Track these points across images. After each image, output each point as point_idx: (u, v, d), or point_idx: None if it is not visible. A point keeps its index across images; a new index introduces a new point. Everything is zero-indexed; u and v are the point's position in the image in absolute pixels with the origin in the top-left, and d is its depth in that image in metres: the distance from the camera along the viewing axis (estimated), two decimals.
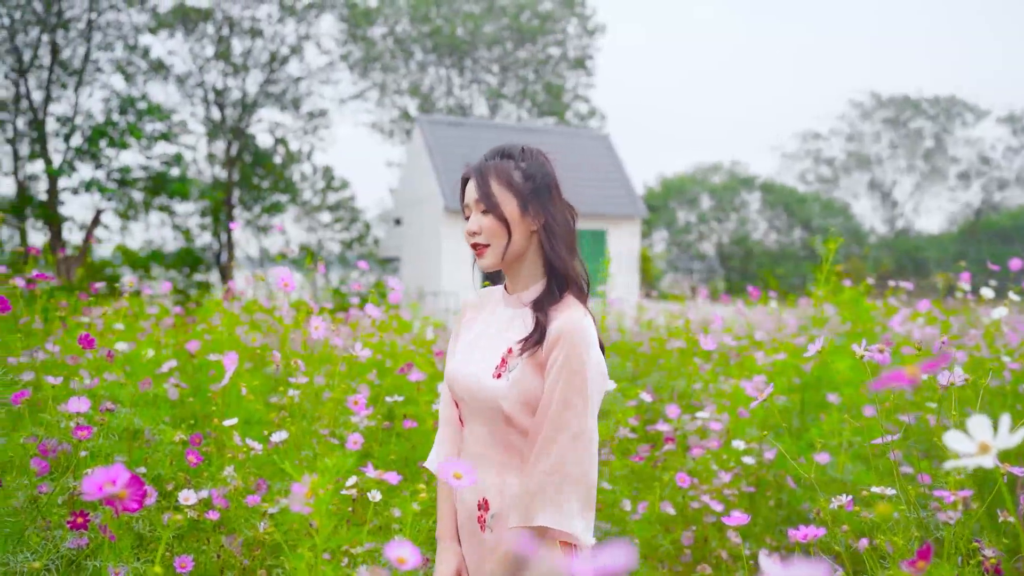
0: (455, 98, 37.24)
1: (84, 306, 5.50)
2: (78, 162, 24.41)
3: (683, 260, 46.91)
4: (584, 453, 1.86)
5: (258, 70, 29.71)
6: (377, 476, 1.79)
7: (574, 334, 1.89)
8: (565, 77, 37.34)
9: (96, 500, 2.61)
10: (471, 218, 2.03)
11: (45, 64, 24.76)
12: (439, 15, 35.53)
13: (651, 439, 3.88)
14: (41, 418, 3.07)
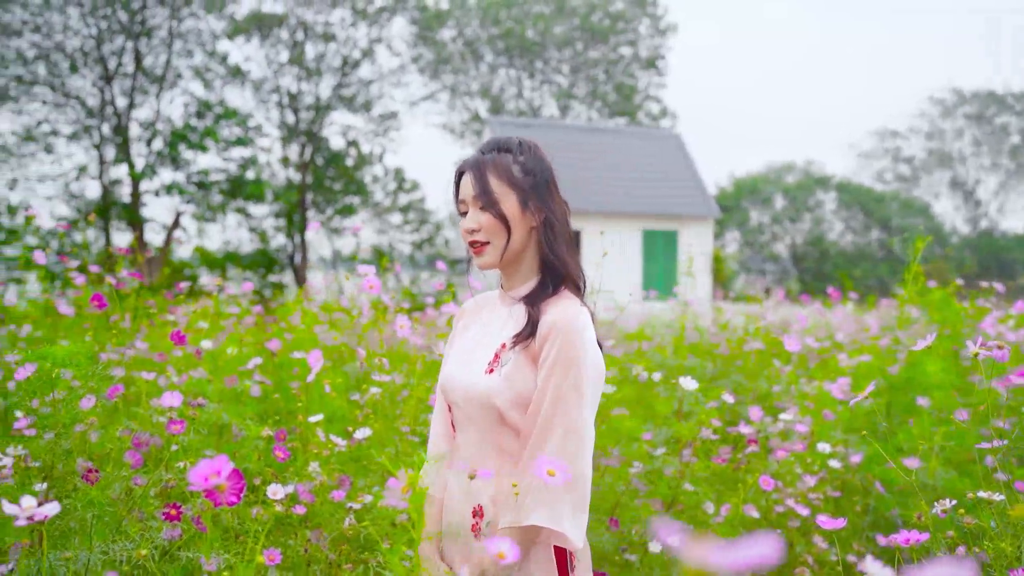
0: (525, 99, 37.30)
1: (169, 305, 5.65)
2: (159, 165, 25.13)
3: (756, 261, 46.19)
4: (577, 450, 1.78)
5: (331, 74, 30.17)
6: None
7: (568, 326, 1.83)
8: (636, 77, 37.11)
9: (198, 492, 2.67)
10: (468, 215, 1.97)
11: (129, 71, 25.54)
12: (509, 17, 35.62)
13: (732, 441, 3.82)
14: (134, 412, 3.16)
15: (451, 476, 2.00)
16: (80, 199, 26.00)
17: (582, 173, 24.37)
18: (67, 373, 2.58)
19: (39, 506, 1.44)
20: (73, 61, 24.83)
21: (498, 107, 36.33)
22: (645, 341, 5.89)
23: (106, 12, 24.63)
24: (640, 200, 24.15)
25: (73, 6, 24.49)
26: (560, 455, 1.76)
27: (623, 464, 3.39)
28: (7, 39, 24.17)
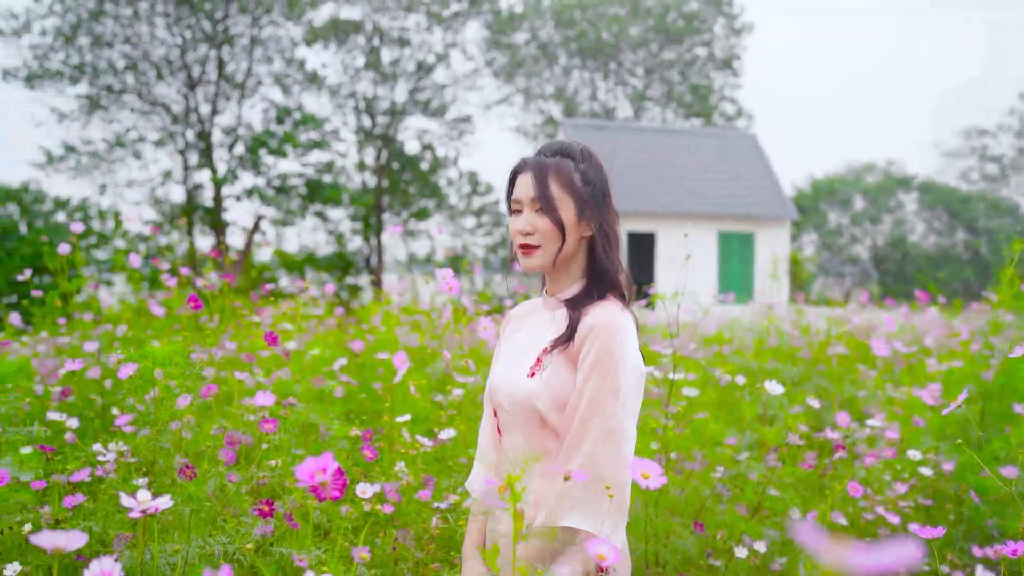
0: (599, 101, 37.18)
1: (255, 307, 5.78)
2: (240, 170, 25.78)
3: (834, 264, 45.20)
4: (615, 453, 1.76)
5: (406, 78, 30.52)
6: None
7: (606, 328, 1.82)
8: (712, 78, 36.69)
9: (290, 489, 2.74)
10: (523, 216, 1.94)
11: (212, 79, 26.26)
12: (583, 18, 35.56)
13: (818, 446, 3.75)
14: (227, 411, 3.26)
15: (496, 475, 2.03)
16: (165, 203, 26.82)
17: (657, 175, 24.19)
18: (160, 372, 2.66)
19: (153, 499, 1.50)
20: (159, 70, 25.64)
21: (572, 109, 36.29)
22: (725, 344, 5.83)
23: (190, 22, 25.39)
24: (715, 202, 23.87)
25: (160, 16, 25.29)
26: (596, 457, 1.76)
27: (706, 468, 3.37)
28: (99, 50, 25.08)
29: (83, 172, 26.20)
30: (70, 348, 5.12)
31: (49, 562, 2.56)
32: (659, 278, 22.59)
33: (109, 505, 2.69)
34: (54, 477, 2.77)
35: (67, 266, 5.07)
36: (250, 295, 6.31)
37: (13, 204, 20.40)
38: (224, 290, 4.87)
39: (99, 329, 5.11)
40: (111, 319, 5.40)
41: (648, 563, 2.88)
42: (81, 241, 22.07)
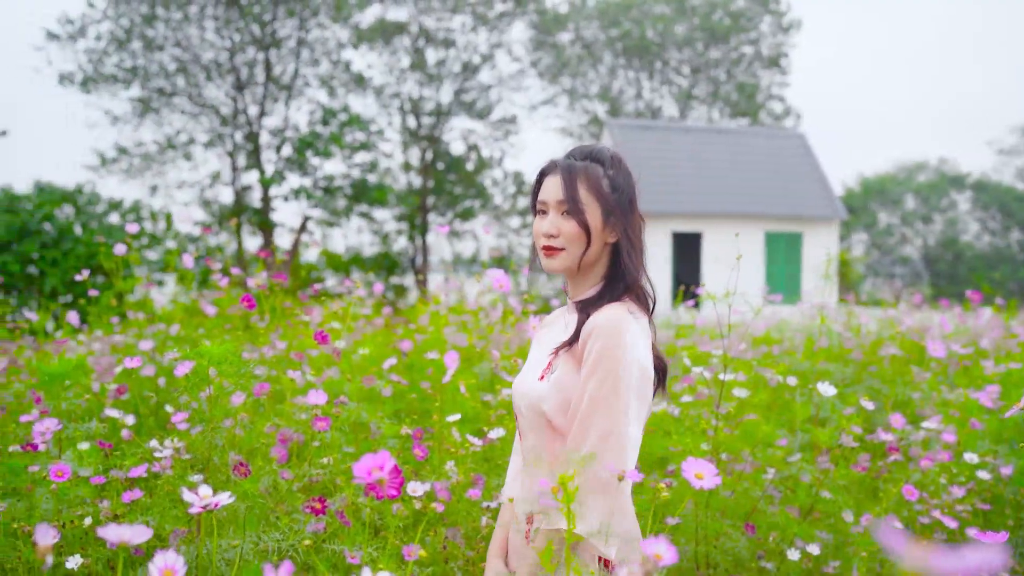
0: (644, 101, 36.99)
1: (304, 306, 5.85)
2: (287, 171, 26.09)
3: (884, 264, 44.48)
4: (613, 454, 1.74)
5: (451, 79, 30.64)
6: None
7: (609, 327, 1.81)
8: (758, 76, 36.31)
9: (342, 487, 2.76)
10: (548, 217, 1.95)
11: (260, 81, 26.62)
12: (628, 18, 35.41)
13: (871, 449, 3.70)
14: (279, 409, 3.30)
15: (519, 477, 2.06)
16: (214, 204, 27.24)
17: (703, 175, 24.01)
18: (214, 371, 2.69)
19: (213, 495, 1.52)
20: (209, 72, 26.06)
21: (617, 109, 36.16)
22: (774, 345, 5.77)
23: (239, 25, 25.77)
24: (762, 202, 23.63)
25: (209, 20, 25.70)
26: (597, 462, 1.73)
27: (756, 470, 3.33)
28: (151, 53, 25.56)
29: (135, 174, 26.72)
30: (124, 346, 5.23)
31: (108, 555, 2.61)
32: (705, 278, 22.42)
33: (165, 501, 2.74)
34: (112, 473, 2.83)
35: (122, 266, 5.17)
36: (298, 295, 6.38)
37: (68, 206, 20.82)
38: (274, 290, 4.93)
39: (152, 328, 5.20)
40: (164, 318, 5.50)
41: (698, 565, 2.86)
42: (134, 241, 22.49)
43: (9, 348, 5.67)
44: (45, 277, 18.20)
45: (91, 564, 2.48)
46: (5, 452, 2.83)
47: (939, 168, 45.75)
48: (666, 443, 3.21)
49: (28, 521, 2.53)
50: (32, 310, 15.64)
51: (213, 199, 27.40)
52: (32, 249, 18.27)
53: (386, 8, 29.26)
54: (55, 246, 18.68)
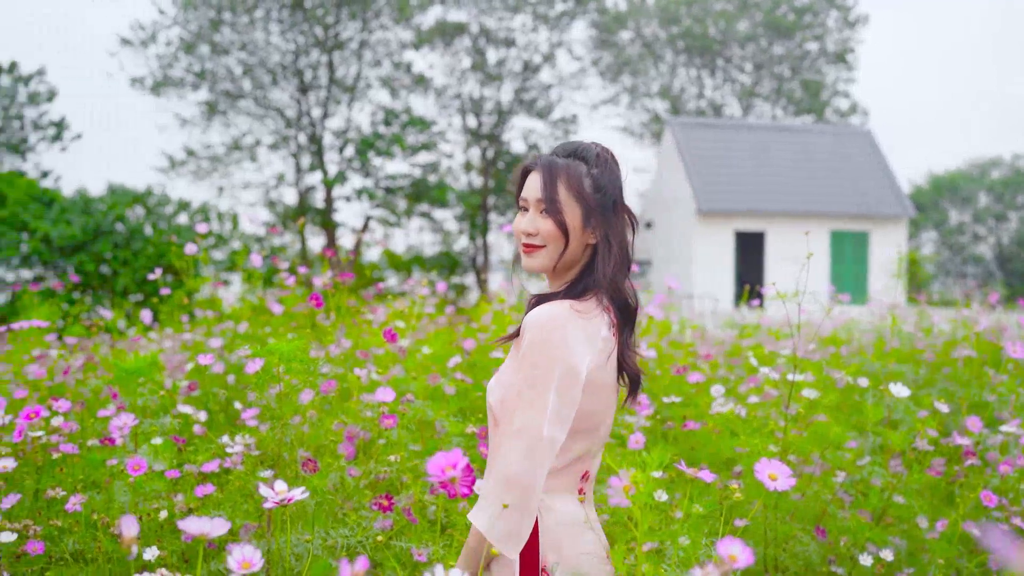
0: (706, 99, 36.62)
1: (368, 305, 5.91)
2: (350, 172, 26.43)
3: (955, 263, 43.36)
4: (523, 451, 1.70)
5: (511, 79, 30.70)
6: (693, 473, 1.77)
7: (537, 324, 1.78)
8: (824, 72, 35.68)
9: (408, 484, 2.79)
10: (528, 216, 1.90)
11: (323, 83, 27.01)
12: (689, 15, 35.09)
13: (946, 452, 3.61)
14: (346, 407, 3.33)
15: None
16: (278, 205, 27.72)
17: (766, 173, 23.69)
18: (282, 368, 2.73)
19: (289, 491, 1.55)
20: (274, 75, 26.54)
21: (678, 107, 35.86)
22: (843, 346, 5.66)
23: (303, 28, 26.19)
24: (828, 200, 23.22)
25: (274, 23, 26.17)
26: (506, 455, 1.71)
27: (825, 472, 3.27)
28: (218, 57, 26.13)
29: (202, 175, 27.35)
30: (194, 344, 5.33)
31: (182, 548, 2.67)
32: (768, 278, 22.12)
33: (237, 496, 2.79)
34: (186, 467, 2.90)
35: (192, 265, 5.29)
36: (360, 294, 6.46)
37: (139, 207, 21.38)
38: (339, 288, 4.99)
39: (220, 326, 5.30)
40: (232, 316, 5.59)
41: (767, 568, 2.82)
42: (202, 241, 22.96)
43: (86, 345, 5.83)
44: (117, 276, 18.70)
45: (167, 556, 2.53)
46: (84, 446, 2.91)
47: (1014, 164, 44.41)
48: (733, 444, 3.17)
49: (107, 513, 2.59)
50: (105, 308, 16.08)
51: (277, 200, 27.88)
52: (105, 249, 18.78)
53: (447, 9, 29.43)
54: (126, 246, 19.18)
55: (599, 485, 2.93)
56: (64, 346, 5.03)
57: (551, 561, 1.78)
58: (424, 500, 2.84)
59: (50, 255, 18.79)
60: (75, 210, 19.55)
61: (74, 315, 6.89)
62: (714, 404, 3.33)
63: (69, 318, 6.77)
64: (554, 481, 1.82)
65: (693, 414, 3.47)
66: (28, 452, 2.70)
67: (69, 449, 2.75)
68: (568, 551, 1.79)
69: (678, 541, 2.02)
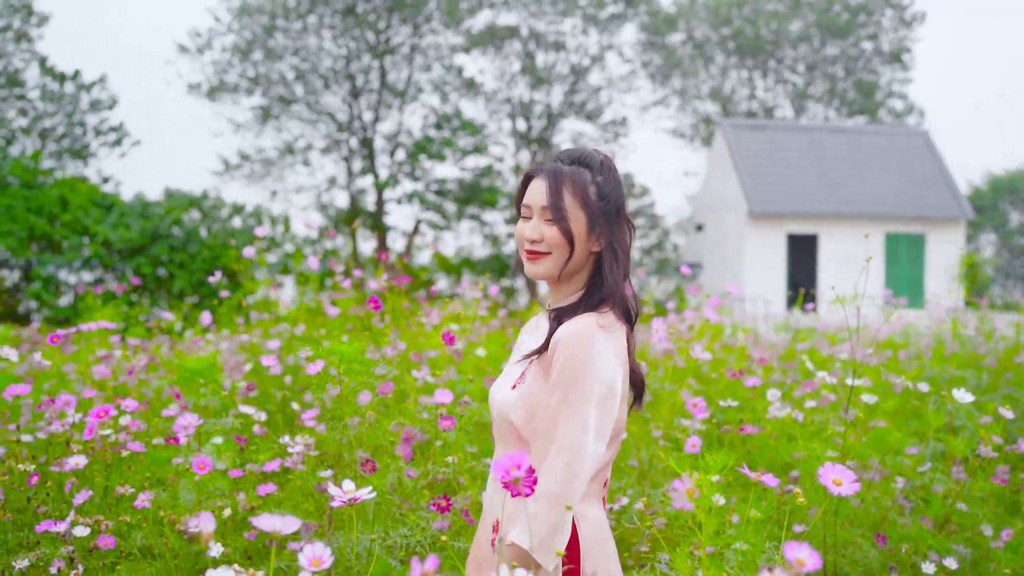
0: (758, 100, 36.25)
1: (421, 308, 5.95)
2: (400, 175, 26.67)
3: (1016, 266, 42.32)
4: (565, 468, 1.72)
5: (561, 82, 30.70)
6: (756, 477, 1.77)
7: (574, 339, 1.78)
8: (878, 73, 35.09)
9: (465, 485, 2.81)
10: (532, 223, 1.90)
11: (374, 87, 27.29)
12: (740, 16, 34.76)
13: (1011, 460, 3.54)
14: (402, 408, 3.37)
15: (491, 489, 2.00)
16: (330, 208, 28.06)
17: (819, 175, 23.38)
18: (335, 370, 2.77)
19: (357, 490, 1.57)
20: (326, 80, 26.88)
21: (729, 109, 35.55)
22: (900, 350, 5.57)
23: (355, 33, 26.49)
24: (883, 201, 22.83)
25: (327, 29, 26.52)
26: (548, 473, 1.72)
27: (885, 478, 3.23)
28: (272, 63, 26.55)
29: (256, 179, 27.79)
30: (250, 346, 5.42)
31: (245, 545, 2.73)
32: (821, 281, 21.83)
33: (297, 495, 2.84)
34: (248, 466, 2.95)
35: (250, 268, 5.38)
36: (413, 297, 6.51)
37: (195, 210, 21.78)
38: (394, 291, 5.04)
39: (276, 328, 5.39)
40: (288, 319, 5.68)
41: (827, 574, 2.80)
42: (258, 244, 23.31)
43: (147, 346, 5.97)
44: (173, 278, 19.06)
45: (231, 553, 2.58)
46: (150, 444, 2.98)
47: None
48: (790, 448, 3.14)
49: (172, 510, 2.65)
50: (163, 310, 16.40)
51: (329, 203, 28.23)
52: (162, 252, 19.16)
53: (497, 13, 29.53)
54: (182, 249, 19.54)
55: (656, 488, 2.93)
56: (126, 347, 5.15)
57: (590, 569, 1.80)
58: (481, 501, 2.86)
59: (110, 258, 19.23)
60: (134, 214, 19.97)
61: (134, 317, 7.04)
62: (771, 408, 3.31)
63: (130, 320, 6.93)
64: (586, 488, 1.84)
65: (750, 418, 3.45)
66: (98, 450, 2.78)
67: (136, 447, 2.82)
68: (599, 557, 1.82)
69: (736, 546, 2.02)
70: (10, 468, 2.54)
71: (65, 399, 2.90)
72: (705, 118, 36.10)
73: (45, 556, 2.35)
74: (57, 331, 3.28)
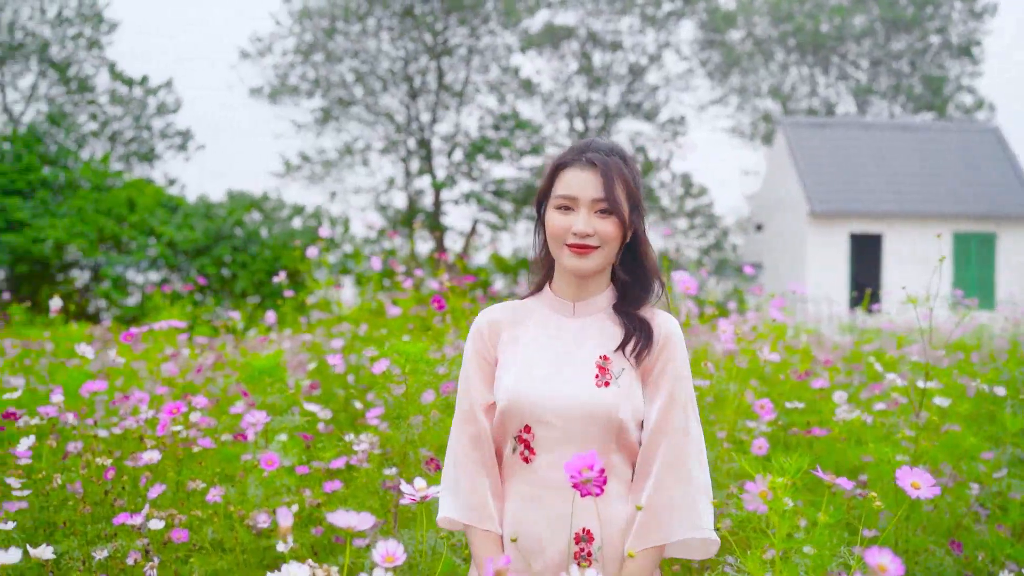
0: (819, 97, 35.64)
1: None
2: (458, 176, 26.82)
3: None
4: (703, 459, 1.86)
5: (618, 82, 30.56)
6: (831, 480, 1.74)
7: (681, 339, 1.88)
8: (946, 67, 34.24)
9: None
10: (581, 216, 1.84)
11: (432, 88, 27.49)
12: (802, 12, 34.21)
13: None
14: None
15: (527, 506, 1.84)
16: (388, 209, 28.32)
17: (884, 173, 22.91)
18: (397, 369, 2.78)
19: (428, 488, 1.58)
20: (384, 82, 27.15)
21: (789, 107, 35.03)
22: (973, 352, 5.43)
23: (413, 35, 26.72)
24: (951, 200, 22.27)
25: (385, 31, 26.79)
26: (691, 466, 1.82)
27: (958, 484, 3.15)
28: (331, 65, 26.91)
29: (316, 180, 28.17)
30: (312, 345, 5.49)
31: (312, 541, 2.76)
32: (885, 281, 21.39)
33: (363, 492, 2.87)
34: (314, 464, 2.99)
35: (313, 268, 5.45)
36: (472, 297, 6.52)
37: (256, 212, 22.16)
38: (454, 291, 5.06)
39: (338, 327, 5.45)
40: (348, 318, 5.74)
41: None
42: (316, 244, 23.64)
43: (212, 345, 6.08)
44: (236, 278, 19.41)
45: (298, 549, 2.62)
46: (219, 441, 3.04)
47: None
48: (859, 452, 3.08)
49: (241, 505, 2.70)
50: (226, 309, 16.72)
51: (387, 203, 28.49)
52: (225, 252, 19.52)
53: (554, 12, 29.51)
54: (245, 249, 19.87)
55: (721, 490, 2.89)
56: (193, 345, 5.26)
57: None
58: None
59: (175, 258, 19.64)
60: (198, 215, 20.38)
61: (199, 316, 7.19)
62: (838, 411, 3.25)
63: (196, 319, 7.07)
64: None
65: (816, 420, 3.39)
66: (170, 445, 2.84)
67: (206, 443, 2.88)
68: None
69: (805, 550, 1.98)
70: (88, 462, 2.61)
71: (138, 396, 2.97)
72: (765, 116, 35.61)
73: (122, 548, 2.41)
74: (130, 329, 3.36)
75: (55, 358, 5.20)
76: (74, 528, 2.57)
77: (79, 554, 2.44)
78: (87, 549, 2.45)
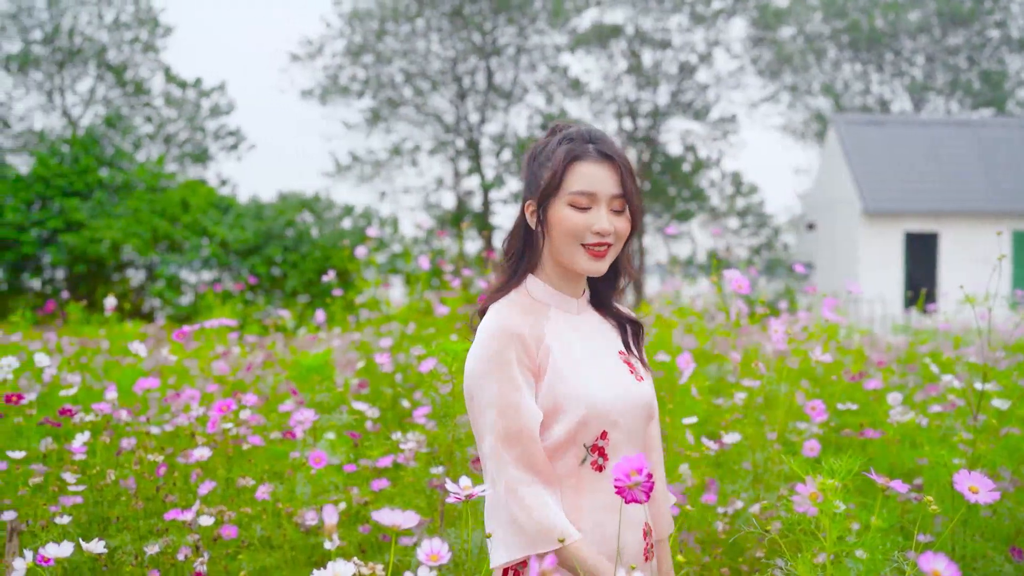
0: (873, 95, 35.02)
1: None
2: (506, 175, 26.86)
3: None
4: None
5: (667, 80, 30.35)
6: (885, 483, 1.69)
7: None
8: (1006, 62, 33.42)
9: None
10: (602, 214, 1.70)
11: (481, 89, 27.57)
12: (855, 8, 33.64)
13: None
14: None
15: (609, 516, 1.69)
16: (437, 208, 28.48)
17: (940, 171, 22.43)
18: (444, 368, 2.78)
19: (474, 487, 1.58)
20: (434, 82, 27.29)
21: (842, 105, 34.47)
22: None
23: (462, 35, 26.82)
24: (1010, 198, 21.73)
25: (435, 32, 26.92)
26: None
27: (1018, 489, 3.07)
28: (381, 66, 27.13)
29: (366, 180, 28.42)
30: (361, 343, 5.53)
31: (360, 539, 2.77)
32: (942, 281, 20.95)
33: (409, 491, 2.88)
34: (361, 462, 3.00)
35: (363, 268, 5.49)
36: None
37: (307, 212, 22.40)
38: None
39: (386, 326, 5.48)
40: (397, 317, 5.77)
41: None
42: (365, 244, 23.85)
43: (262, 343, 6.15)
44: (286, 278, 19.64)
45: (345, 546, 2.63)
46: (268, 438, 3.07)
47: None
48: (913, 454, 3.02)
49: (289, 503, 2.72)
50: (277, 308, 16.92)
51: (436, 203, 28.65)
52: (276, 252, 19.75)
53: (603, 11, 29.40)
54: (295, 249, 20.09)
55: (771, 492, 2.85)
56: (243, 343, 5.32)
57: None
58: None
59: (226, 258, 19.94)
60: (249, 215, 20.65)
61: (249, 315, 7.29)
62: (892, 412, 3.19)
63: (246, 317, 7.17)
64: None
65: (869, 422, 3.33)
66: (220, 443, 2.87)
67: (256, 441, 2.91)
68: None
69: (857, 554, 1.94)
70: (140, 458, 2.65)
71: (190, 393, 3.01)
72: (817, 114, 35.09)
73: (173, 543, 2.45)
74: (182, 328, 3.41)
75: (110, 356, 5.30)
76: (127, 523, 2.62)
77: (131, 549, 2.48)
78: (139, 544, 2.49)
